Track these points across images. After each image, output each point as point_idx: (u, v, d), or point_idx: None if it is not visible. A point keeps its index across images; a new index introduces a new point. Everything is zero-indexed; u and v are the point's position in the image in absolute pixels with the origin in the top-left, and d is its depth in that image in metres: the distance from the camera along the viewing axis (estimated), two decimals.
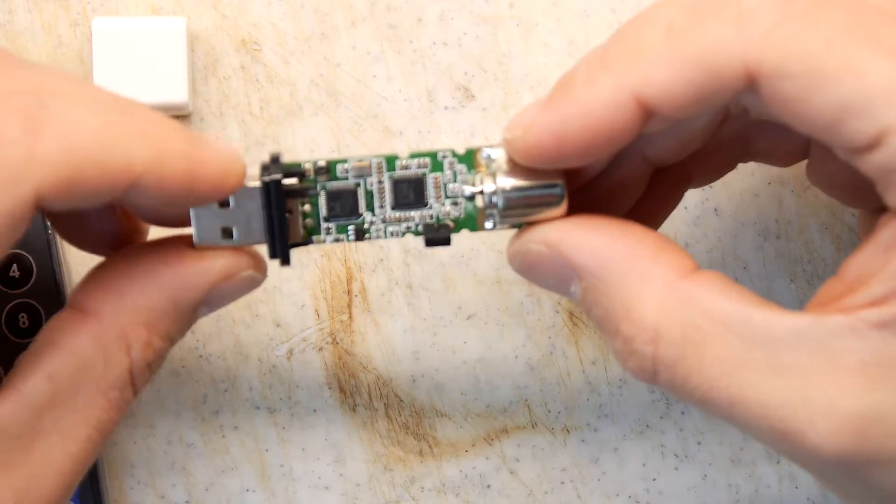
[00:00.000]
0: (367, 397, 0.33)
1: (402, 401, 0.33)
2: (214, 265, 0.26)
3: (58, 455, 0.24)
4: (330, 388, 0.33)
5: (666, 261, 0.24)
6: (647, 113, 0.23)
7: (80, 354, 0.24)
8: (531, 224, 0.27)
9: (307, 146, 0.33)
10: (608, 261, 0.25)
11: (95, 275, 0.26)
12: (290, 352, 0.33)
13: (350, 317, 0.33)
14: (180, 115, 0.33)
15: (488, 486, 0.33)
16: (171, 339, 0.26)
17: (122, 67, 0.31)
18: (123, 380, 0.25)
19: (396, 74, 0.33)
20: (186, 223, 0.27)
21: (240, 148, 0.33)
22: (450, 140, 0.33)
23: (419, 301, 0.33)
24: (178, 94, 0.32)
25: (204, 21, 0.33)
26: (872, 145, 0.21)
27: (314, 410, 0.33)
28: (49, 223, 0.32)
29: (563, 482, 0.33)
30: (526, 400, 0.33)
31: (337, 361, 0.33)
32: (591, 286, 0.25)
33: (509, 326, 0.33)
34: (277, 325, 0.33)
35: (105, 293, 0.25)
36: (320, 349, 0.33)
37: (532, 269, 0.26)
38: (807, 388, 0.22)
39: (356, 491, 0.33)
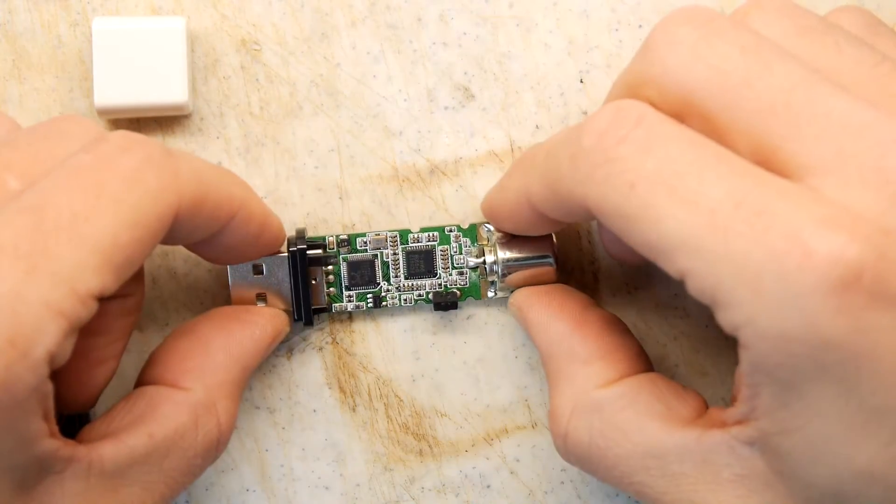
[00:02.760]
0: (367, 397, 0.33)
1: (402, 401, 0.33)
2: (267, 331, 0.30)
3: None
4: (330, 388, 0.33)
5: (594, 369, 0.28)
6: (536, 209, 0.28)
7: (178, 422, 0.27)
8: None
9: (307, 146, 0.33)
10: (552, 352, 0.29)
11: (176, 350, 0.29)
12: (290, 352, 0.33)
13: (350, 317, 0.33)
14: (180, 115, 0.33)
15: (488, 486, 0.33)
16: (240, 399, 0.30)
17: (122, 67, 0.31)
18: (211, 446, 0.28)
19: (396, 74, 0.33)
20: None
21: (240, 148, 0.33)
22: (450, 140, 0.33)
23: (420, 303, 0.33)
24: (178, 94, 0.32)
25: (204, 21, 0.33)
26: (683, 280, 0.23)
27: (314, 410, 0.33)
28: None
29: (563, 482, 0.33)
30: (526, 400, 0.33)
31: (337, 361, 0.33)
32: (542, 360, 0.30)
33: (509, 326, 0.33)
34: None
35: (193, 372, 0.29)
36: (320, 349, 0.33)
37: (519, 323, 0.31)
38: (693, 495, 0.25)
39: (356, 491, 0.33)
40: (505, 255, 0.31)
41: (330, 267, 0.32)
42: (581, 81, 0.33)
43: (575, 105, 0.33)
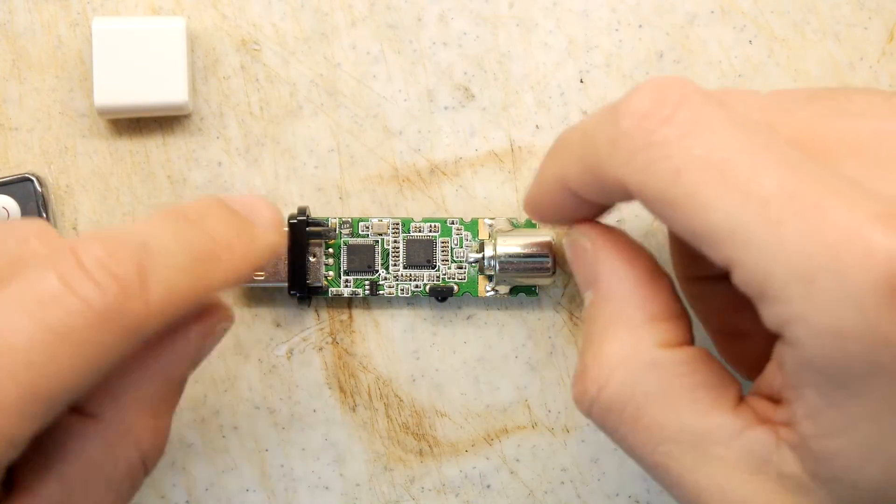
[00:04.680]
0: (367, 397, 0.33)
1: (402, 401, 0.33)
2: (191, 338, 0.26)
3: None
4: (330, 388, 0.33)
5: (662, 327, 0.26)
6: (576, 194, 0.27)
7: (89, 457, 0.25)
8: (526, 285, 0.32)
9: (307, 146, 0.33)
10: (618, 293, 0.27)
11: None
12: (290, 352, 0.33)
13: (350, 317, 0.33)
14: (180, 115, 0.33)
15: (488, 486, 0.33)
16: (173, 410, 0.27)
17: (122, 67, 0.31)
18: (135, 470, 0.26)
19: (396, 74, 0.33)
20: None
21: (240, 148, 0.33)
22: (450, 140, 0.33)
23: (419, 301, 0.33)
24: (178, 94, 0.32)
25: (204, 21, 0.33)
26: (729, 269, 0.22)
27: (314, 410, 0.33)
28: (45, 214, 0.32)
29: (563, 482, 0.33)
30: (526, 400, 0.33)
31: (337, 361, 0.33)
32: (596, 302, 0.27)
33: (509, 326, 0.33)
34: (277, 325, 0.33)
35: (102, 395, 0.25)
36: (320, 349, 0.33)
37: (574, 259, 0.28)
38: (726, 484, 0.24)
39: (356, 491, 0.33)
40: (504, 249, 0.31)
41: (330, 250, 0.32)
42: (581, 81, 0.33)
43: (575, 105, 0.33)
